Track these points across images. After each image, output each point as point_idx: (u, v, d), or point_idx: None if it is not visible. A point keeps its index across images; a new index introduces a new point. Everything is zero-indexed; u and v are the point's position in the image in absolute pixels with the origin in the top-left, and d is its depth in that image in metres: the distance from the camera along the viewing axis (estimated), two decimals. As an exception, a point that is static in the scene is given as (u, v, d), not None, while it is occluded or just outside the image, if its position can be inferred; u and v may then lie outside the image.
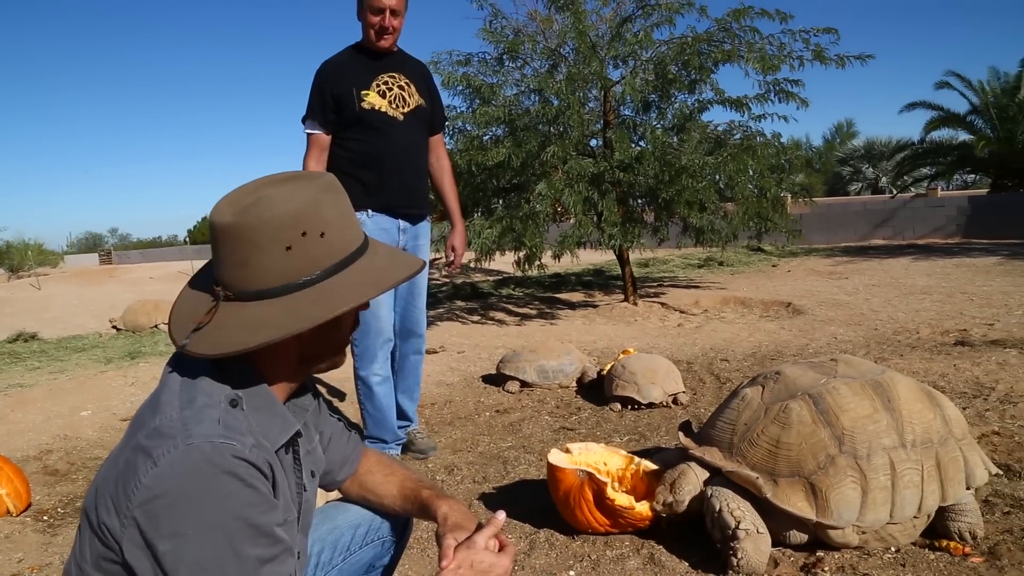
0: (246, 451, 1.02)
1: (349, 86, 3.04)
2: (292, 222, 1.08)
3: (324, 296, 1.09)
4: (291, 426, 1.16)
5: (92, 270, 29.67)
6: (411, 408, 3.49)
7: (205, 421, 1.03)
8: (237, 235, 1.07)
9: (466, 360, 5.58)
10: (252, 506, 1.01)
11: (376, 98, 3.07)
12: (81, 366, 6.28)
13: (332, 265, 1.11)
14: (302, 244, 1.08)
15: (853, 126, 44.71)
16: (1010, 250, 11.40)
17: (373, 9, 2.99)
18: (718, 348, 5.53)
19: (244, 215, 1.07)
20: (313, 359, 1.19)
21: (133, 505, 0.99)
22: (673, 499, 2.31)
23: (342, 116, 3.06)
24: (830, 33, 7.14)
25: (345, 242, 1.13)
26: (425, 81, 3.29)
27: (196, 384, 1.08)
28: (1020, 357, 4.35)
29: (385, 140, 3.08)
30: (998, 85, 18.58)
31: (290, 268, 1.08)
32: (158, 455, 0.99)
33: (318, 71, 3.11)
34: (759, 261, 12.60)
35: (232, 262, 1.09)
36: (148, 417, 1.06)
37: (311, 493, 1.28)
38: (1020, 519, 2.33)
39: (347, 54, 3.16)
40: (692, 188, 6.78)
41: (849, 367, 2.45)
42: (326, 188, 1.14)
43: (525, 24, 7.94)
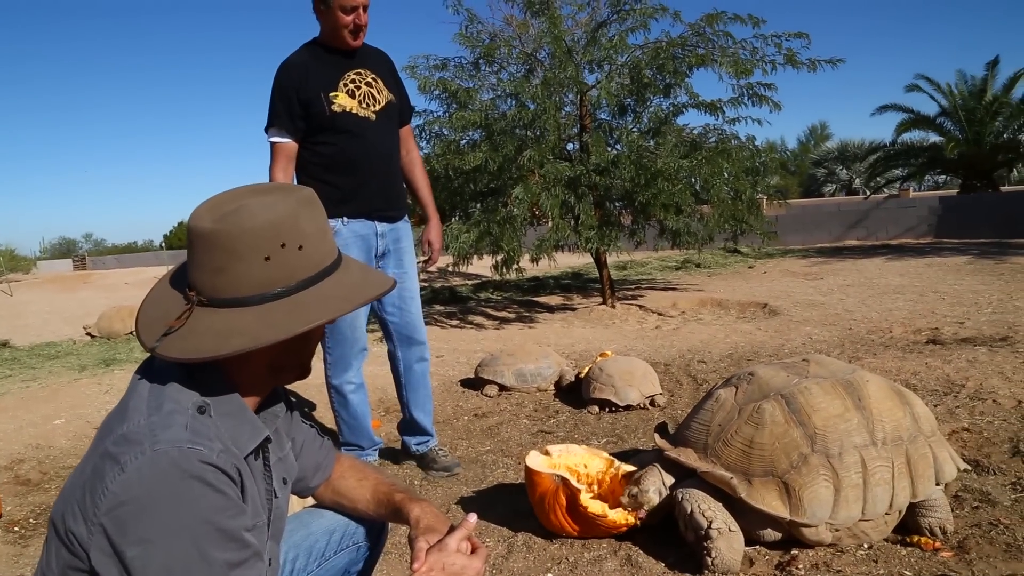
0: (213, 456, 1.03)
1: (316, 89, 2.88)
2: (272, 233, 1.09)
3: (298, 308, 1.10)
4: (260, 432, 1.16)
5: (66, 276, 29.26)
6: (427, 422, 3.31)
7: (172, 427, 1.03)
8: (216, 242, 1.08)
9: (444, 364, 5.58)
10: (220, 511, 1.01)
11: (345, 99, 2.93)
12: (54, 374, 6.19)
13: (307, 278, 1.12)
14: (280, 255, 1.09)
15: (827, 128, 45.41)
16: (980, 249, 11.60)
17: (345, 8, 2.82)
18: (695, 350, 5.58)
19: (224, 222, 1.08)
20: (282, 369, 1.20)
21: (100, 512, 0.98)
22: (638, 490, 2.34)
23: (311, 121, 2.91)
24: (801, 38, 7.24)
25: (321, 256, 1.14)
26: (391, 73, 3.15)
27: (164, 391, 1.08)
28: (990, 355, 4.43)
29: (359, 143, 2.95)
30: (965, 88, 18.95)
31: (266, 278, 1.09)
32: (125, 461, 0.99)
33: (278, 74, 2.92)
34: (736, 263, 12.71)
35: (209, 268, 1.09)
36: (116, 424, 1.06)
37: (282, 500, 1.28)
38: (988, 513, 2.38)
39: (307, 53, 2.96)
40: (668, 191, 6.84)
41: (820, 367, 2.49)
42: (305, 201, 1.15)
43: (501, 29, 7.99)
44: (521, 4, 7.65)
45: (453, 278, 13.27)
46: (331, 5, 2.83)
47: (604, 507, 2.37)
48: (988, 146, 18.39)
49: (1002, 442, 3.02)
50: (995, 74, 18.56)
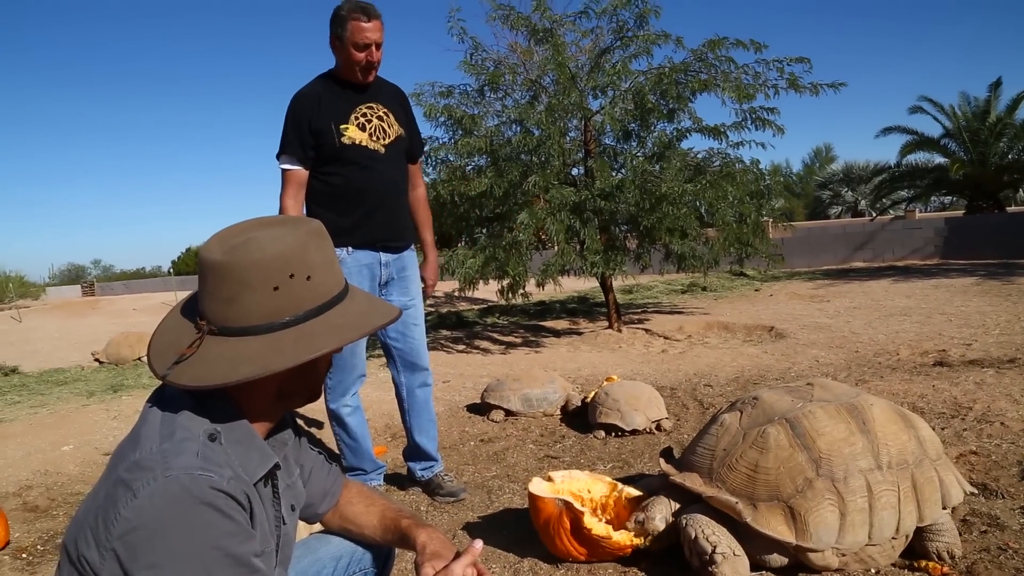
0: (224, 483, 1.05)
1: (327, 120, 2.93)
2: (282, 264, 1.12)
3: (306, 337, 1.13)
4: (269, 459, 1.18)
5: (74, 302, 29.40)
6: (431, 446, 3.33)
7: (184, 454, 1.05)
8: (227, 273, 1.12)
9: (451, 389, 5.59)
10: (230, 536, 1.04)
11: (356, 131, 2.97)
12: (63, 400, 6.22)
13: (314, 307, 1.16)
14: (289, 285, 1.13)
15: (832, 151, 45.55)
16: (986, 270, 11.58)
17: (358, 46, 2.86)
18: (701, 373, 5.57)
19: (235, 254, 1.12)
20: (291, 396, 1.23)
21: (113, 537, 1.01)
22: (645, 516, 2.35)
23: (321, 151, 2.96)
24: (803, 62, 7.30)
25: (328, 286, 1.18)
26: (403, 108, 3.19)
27: (176, 419, 1.11)
28: (997, 377, 4.42)
29: (367, 175, 3.00)
30: (969, 109, 19.03)
31: (275, 308, 1.13)
32: (138, 487, 1.02)
33: (292, 103, 2.98)
34: (742, 286, 12.71)
35: (219, 298, 1.13)
36: (128, 451, 1.09)
37: (290, 527, 1.30)
38: (997, 537, 2.37)
39: (321, 85, 3.01)
40: (673, 215, 6.88)
41: (825, 391, 2.49)
42: (314, 233, 1.19)
43: (506, 56, 8.09)
44: (525, 32, 7.74)
45: (459, 303, 13.30)
46: (345, 42, 2.87)
47: (608, 528, 2.38)
48: (993, 167, 18.42)
49: (1010, 465, 3.00)
50: (998, 95, 18.65)
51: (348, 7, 2.85)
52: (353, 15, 2.84)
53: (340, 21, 2.86)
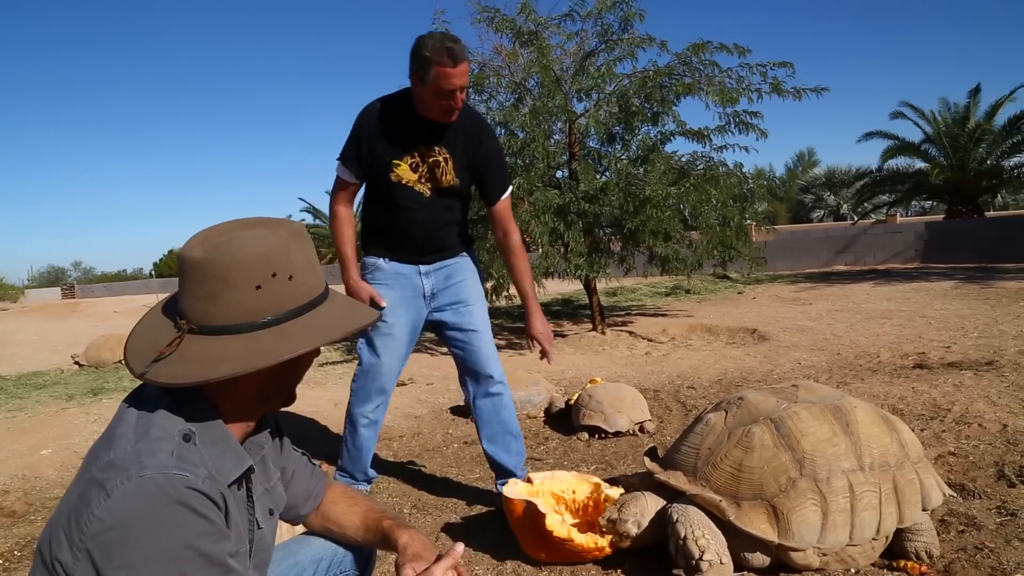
0: (199, 482, 1.04)
1: (384, 152, 2.79)
2: (264, 262, 1.12)
3: (285, 336, 1.12)
4: (243, 461, 1.17)
5: (54, 304, 29.09)
6: (508, 460, 3.04)
7: (159, 453, 1.04)
8: (208, 270, 1.11)
9: (435, 392, 5.58)
10: (204, 536, 1.03)
11: (406, 171, 2.81)
12: (41, 403, 6.14)
13: (295, 308, 1.15)
14: (271, 284, 1.12)
15: (814, 155, 45.91)
16: (966, 274, 11.72)
17: (441, 93, 2.62)
18: (684, 376, 5.60)
19: (216, 252, 1.11)
20: (269, 397, 1.22)
21: (86, 537, 1.00)
22: (617, 517, 2.33)
23: (372, 173, 2.85)
24: (786, 67, 7.36)
25: (310, 287, 1.18)
26: (473, 148, 2.89)
27: (151, 418, 1.10)
28: (976, 379, 4.47)
29: (407, 215, 2.87)
30: (949, 115, 19.28)
31: (256, 307, 1.12)
32: (111, 487, 1.01)
33: (362, 116, 2.82)
34: (725, 288, 12.78)
35: (200, 296, 1.12)
36: (103, 450, 1.08)
37: (267, 531, 1.29)
38: (974, 537, 2.39)
39: (394, 107, 2.79)
40: (657, 218, 6.91)
41: (809, 392, 2.51)
42: (296, 234, 1.19)
43: (491, 58, 8.07)
44: (510, 34, 7.75)
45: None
46: (427, 83, 2.63)
47: (571, 531, 2.36)
48: (972, 172, 18.67)
49: (987, 466, 3.04)
50: (977, 101, 18.91)
51: (433, 47, 2.57)
52: (438, 59, 2.56)
53: (423, 62, 2.59)
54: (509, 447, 3.06)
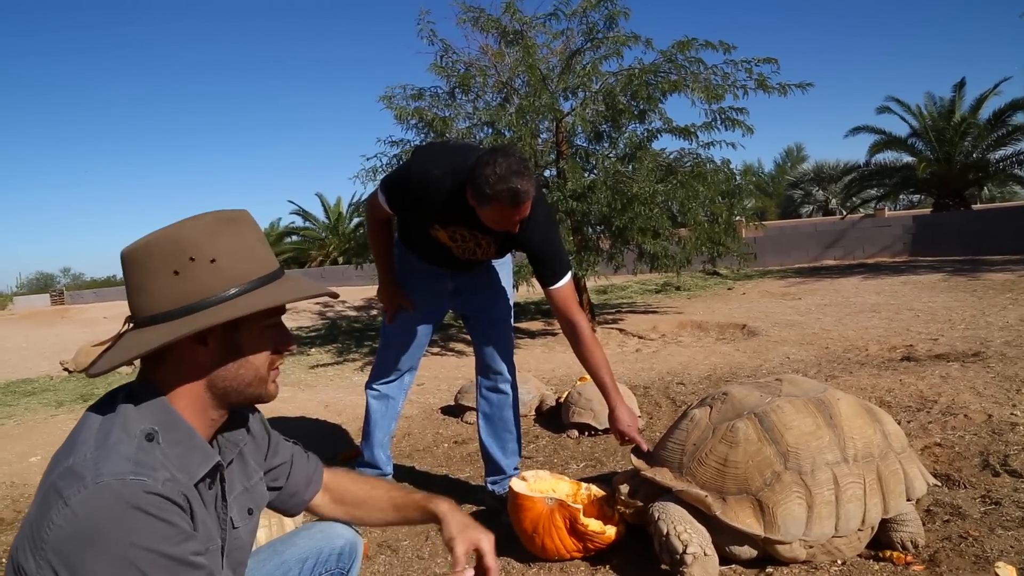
0: (158, 485, 1.04)
1: (430, 216, 2.63)
2: (179, 247, 1.11)
3: (201, 318, 1.11)
4: (210, 458, 1.17)
5: (43, 311, 28.87)
6: (504, 460, 3.04)
7: (116, 458, 1.04)
8: (131, 261, 1.13)
9: (425, 392, 5.58)
10: (165, 539, 1.02)
11: (445, 237, 2.71)
12: (30, 410, 6.12)
13: (224, 292, 1.13)
14: (191, 269, 1.11)
15: (803, 150, 46.01)
16: (953, 267, 11.79)
17: (498, 224, 2.46)
18: (674, 372, 5.62)
19: (139, 243, 1.13)
20: (222, 389, 1.19)
21: (47, 546, 0.99)
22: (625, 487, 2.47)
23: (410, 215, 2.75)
24: (771, 63, 7.38)
25: (242, 271, 1.15)
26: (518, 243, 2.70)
27: (113, 420, 1.10)
28: (962, 370, 4.50)
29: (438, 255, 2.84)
30: (935, 109, 19.38)
31: (180, 293, 1.11)
32: (69, 495, 1.00)
33: (419, 172, 2.56)
34: (715, 285, 12.82)
35: (131, 288, 1.14)
36: (64, 457, 1.08)
37: (244, 530, 1.29)
38: (959, 526, 2.41)
39: (451, 185, 2.50)
40: (645, 215, 6.92)
41: (793, 386, 2.53)
42: (229, 220, 1.17)
43: (477, 58, 8.07)
44: (496, 34, 7.76)
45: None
46: (483, 210, 2.43)
47: (601, 524, 2.41)
48: (958, 166, 18.76)
49: (972, 456, 3.06)
50: (962, 95, 18.99)
51: (495, 185, 2.31)
52: (499, 202, 2.34)
53: (483, 197, 2.36)
54: (506, 445, 3.07)
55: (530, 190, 2.35)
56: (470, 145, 3.28)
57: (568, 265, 2.75)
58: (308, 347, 8.77)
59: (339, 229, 31.07)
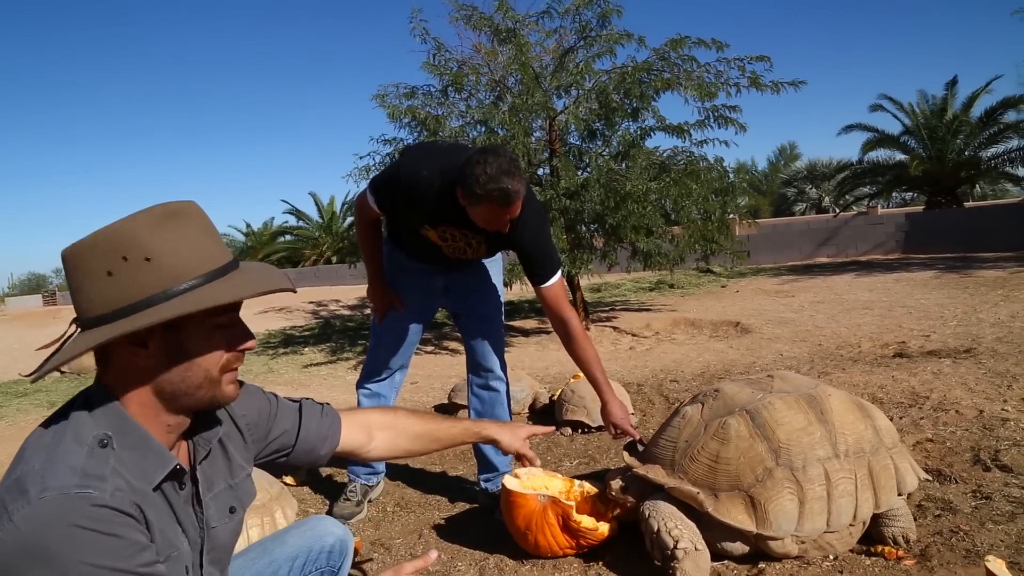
0: (106, 497, 1.00)
1: (421, 216, 2.61)
2: (109, 247, 1.06)
3: (133, 320, 1.06)
4: (168, 462, 1.13)
5: (35, 312, 28.76)
6: (496, 457, 3.01)
7: (62, 470, 1.00)
8: (68, 263, 1.09)
9: (419, 391, 5.58)
10: (112, 554, 0.98)
11: (435, 237, 2.69)
12: (23, 412, 6.09)
13: (162, 292, 1.07)
14: (124, 269, 1.06)
15: (796, 148, 46.01)
16: (946, 264, 11.84)
17: (489, 224, 2.46)
18: (668, 369, 5.63)
19: (75, 243, 1.09)
20: (175, 395, 1.13)
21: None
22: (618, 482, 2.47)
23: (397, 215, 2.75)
24: (763, 61, 7.41)
25: (180, 270, 1.08)
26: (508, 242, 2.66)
27: (65, 427, 1.07)
28: (954, 367, 4.51)
29: (427, 254, 2.81)
30: (927, 107, 19.46)
31: (117, 294, 1.06)
32: (13, 510, 0.97)
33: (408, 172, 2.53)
34: (709, 282, 12.85)
35: (72, 290, 1.10)
36: (14, 467, 1.05)
37: (223, 530, 1.26)
38: (950, 521, 2.42)
39: (441, 185, 2.49)
40: (638, 213, 6.93)
41: (784, 382, 2.53)
42: (165, 215, 1.11)
43: (470, 56, 8.07)
44: (489, 32, 7.76)
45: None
46: (474, 210, 2.42)
47: (594, 521, 2.41)
48: (950, 163, 18.84)
49: (964, 451, 3.08)
50: (954, 93, 19.10)
51: (485, 185, 2.29)
52: (488, 202, 2.33)
53: (473, 197, 2.35)
54: None
55: (520, 190, 2.34)
56: (460, 145, 3.25)
57: (559, 263, 2.77)
58: (302, 346, 8.76)
59: (333, 228, 31.05)
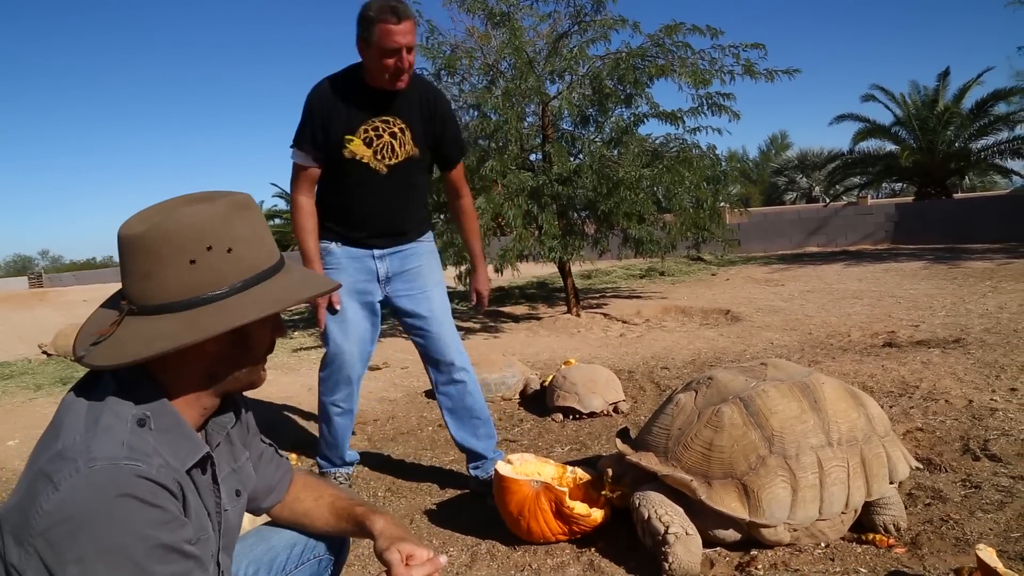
0: (152, 471, 1.01)
1: (338, 128, 2.72)
2: (197, 235, 1.07)
3: (224, 311, 1.08)
4: (199, 449, 1.13)
5: (21, 294, 28.56)
6: (478, 445, 3.02)
7: (109, 442, 1.01)
8: (142, 247, 1.07)
9: (409, 376, 5.56)
10: (159, 525, 0.99)
11: (360, 147, 2.74)
12: (8, 393, 6.03)
13: (240, 282, 1.10)
14: (207, 258, 1.07)
15: (787, 138, 46.23)
16: (935, 254, 11.90)
17: (386, 52, 2.57)
18: (659, 356, 5.63)
19: (150, 228, 1.07)
20: (222, 378, 1.17)
21: (35, 533, 0.95)
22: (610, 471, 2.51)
23: (327, 154, 2.78)
24: (758, 48, 7.37)
25: (254, 260, 1.13)
26: (428, 118, 2.83)
27: (101, 405, 1.06)
28: (943, 356, 4.54)
29: (363, 193, 2.81)
30: (919, 98, 19.50)
31: (195, 282, 1.07)
32: (59, 480, 0.97)
33: (310, 98, 2.75)
34: (699, 270, 12.86)
35: (137, 275, 1.08)
36: (51, 441, 1.04)
37: (233, 513, 1.26)
38: (940, 509, 2.44)
39: (344, 83, 2.74)
40: (630, 200, 6.91)
41: (778, 370, 2.53)
42: (238, 205, 1.13)
43: (463, 40, 7.99)
44: (483, 16, 7.67)
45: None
46: (372, 46, 2.58)
47: (587, 507, 2.41)
48: (941, 154, 18.92)
49: (953, 440, 3.09)
50: (946, 85, 19.13)
51: (376, 7, 2.55)
52: (381, 17, 2.53)
53: (367, 23, 2.57)
54: (477, 431, 3.03)
55: (409, 12, 2.59)
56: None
57: (466, 148, 3.13)
58: (291, 330, 8.72)
59: (322, 212, 30.84)
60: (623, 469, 2.50)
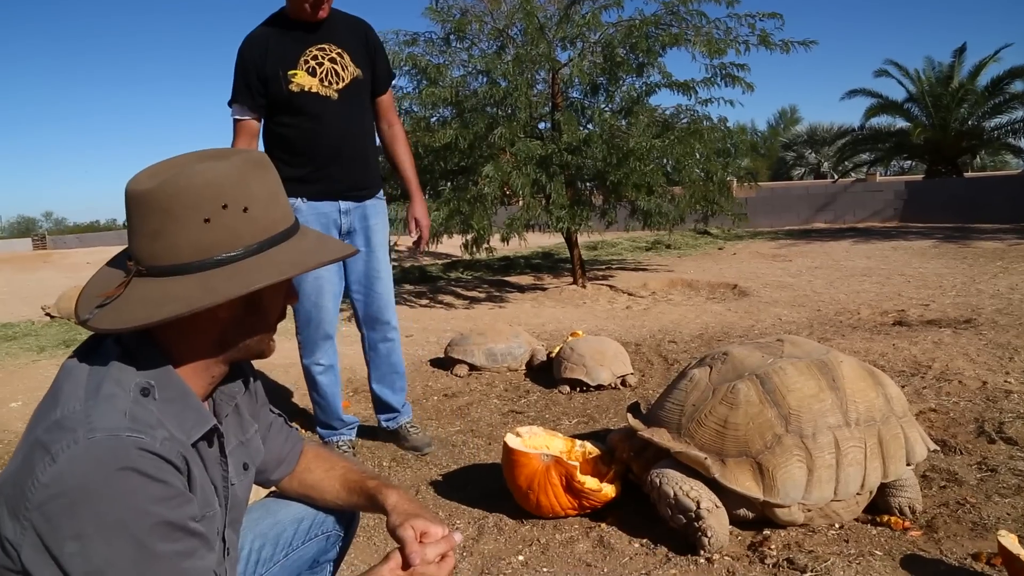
0: (156, 444, 0.95)
1: (275, 66, 2.76)
2: (212, 192, 1.00)
3: (240, 273, 1.01)
4: (206, 421, 1.07)
5: (25, 255, 28.48)
6: (392, 398, 3.24)
7: (110, 412, 0.94)
8: (152, 204, 1.00)
9: (414, 344, 5.51)
10: (162, 501, 0.94)
11: (305, 77, 2.79)
12: (11, 355, 6.01)
13: (255, 244, 1.03)
14: (222, 217, 1.01)
15: (797, 112, 45.69)
16: (944, 233, 11.79)
17: None
18: (666, 330, 5.58)
19: (161, 184, 1.00)
20: (233, 345, 1.11)
21: (31, 506, 0.90)
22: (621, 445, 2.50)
23: (271, 99, 2.81)
24: (775, 18, 7.22)
25: (270, 221, 1.06)
26: (363, 45, 2.95)
27: (103, 372, 0.99)
28: (954, 336, 4.48)
29: (319, 125, 2.83)
30: (933, 74, 19.18)
31: (208, 243, 1.00)
32: (57, 450, 0.91)
33: (240, 49, 2.81)
34: (706, 244, 12.77)
35: (146, 233, 1.01)
36: (49, 409, 0.97)
37: (241, 487, 1.21)
38: (955, 492, 2.39)
39: (269, 27, 2.83)
40: (640, 171, 6.81)
41: (795, 347, 2.47)
42: (254, 163, 1.07)
43: (473, 4, 7.83)
44: (494, -21, 7.53)
45: (423, 257, 13.15)
46: None
47: (597, 482, 2.37)
48: (953, 132, 18.67)
49: (968, 422, 3.05)
50: (962, 61, 18.80)
51: None
52: None
53: None
54: (395, 384, 3.24)
55: None
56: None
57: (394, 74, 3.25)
58: (295, 296, 8.68)
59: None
60: (634, 444, 2.46)
